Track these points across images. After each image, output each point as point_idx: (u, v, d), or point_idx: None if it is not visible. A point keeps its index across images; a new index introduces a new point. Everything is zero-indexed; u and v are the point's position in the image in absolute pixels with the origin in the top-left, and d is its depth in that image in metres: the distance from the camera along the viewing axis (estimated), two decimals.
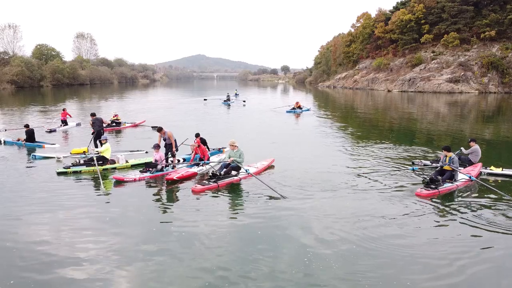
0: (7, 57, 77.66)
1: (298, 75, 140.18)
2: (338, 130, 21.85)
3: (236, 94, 48.62)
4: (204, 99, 42.51)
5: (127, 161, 12.45)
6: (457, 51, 62.49)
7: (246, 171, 10.49)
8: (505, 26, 58.96)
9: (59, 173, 11.20)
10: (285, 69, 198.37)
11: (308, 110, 31.20)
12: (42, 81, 77.30)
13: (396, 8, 74.53)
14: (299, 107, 30.37)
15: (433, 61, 63.73)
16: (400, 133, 20.92)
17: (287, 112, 29.64)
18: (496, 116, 30.86)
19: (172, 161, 12.03)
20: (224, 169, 10.58)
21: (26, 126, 16.59)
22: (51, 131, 20.66)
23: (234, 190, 9.95)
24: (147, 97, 55.70)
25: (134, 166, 12.32)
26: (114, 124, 21.77)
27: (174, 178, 10.49)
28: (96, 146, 14.46)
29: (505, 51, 58.40)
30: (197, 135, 13.68)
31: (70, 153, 14.21)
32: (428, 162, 12.21)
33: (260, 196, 9.33)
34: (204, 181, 10.07)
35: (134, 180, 10.58)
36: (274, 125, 23.14)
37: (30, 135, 16.19)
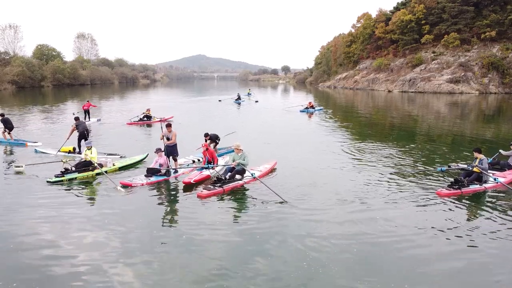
0: (8, 57, 77.60)
1: (299, 75, 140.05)
2: (340, 130, 21.90)
3: (249, 93, 50.81)
4: (219, 100, 43.41)
5: (114, 164, 12.16)
6: (458, 51, 62.46)
7: (252, 175, 10.28)
8: (505, 26, 58.94)
9: (52, 183, 10.48)
10: (286, 69, 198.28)
11: (321, 109, 31.87)
12: (43, 81, 77.32)
13: (397, 9, 74.49)
14: (312, 107, 30.98)
15: (434, 61, 63.73)
16: (406, 134, 20.89)
17: (301, 111, 30.29)
18: (502, 116, 30.91)
19: (173, 166, 11.73)
20: (229, 173, 10.44)
21: (1, 115, 16.80)
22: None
23: (239, 194, 9.85)
24: (151, 97, 55.72)
25: (122, 169, 12.11)
26: (145, 118, 23.73)
27: (192, 181, 10.37)
28: (80, 147, 14.47)
29: (506, 52, 58.40)
30: (206, 134, 13.93)
31: (59, 151, 14.32)
32: (465, 166, 11.55)
33: (263, 200, 9.28)
34: (210, 186, 9.93)
35: (142, 185, 10.39)
36: (277, 125, 23.23)
37: (7, 122, 16.47)
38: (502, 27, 59.16)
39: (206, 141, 14.15)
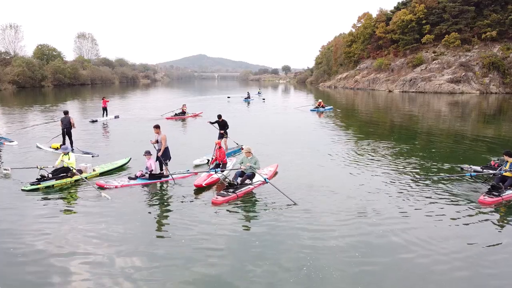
0: (8, 57, 77.57)
1: (299, 75, 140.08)
2: (342, 130, 21.89)
3: (259, 92, 54.07)
4: (228, 97, 45.23)
5: (94, 170, 11.48)
6: (458, 51, 62.42)
7: (265, 180, 9.87)
8: (506, 26, 58.93)
9: (28, 191, 9.71)
10: (286, 69, 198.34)
11: (331, 109, 32.62)
12: (43, 81, 77.20)
13: (397, 8, 74.44)
14: (322, 106, 31.78)
15: (434, 61, 63.66)
16: (410, 135, 20.78)
17: (311, 110, 31.37)
18: (503, 116, 30.85)
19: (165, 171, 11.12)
20: (240, 178, 10.06)
21: None
22: (93, 121, 23.39)
23: (248, 198, 9.56)
24: (154, 96, 55.71)
25: (103, 174, 11.48)
26: (181, 113, 26.21)
27: (203, 184, 10.18)
28: (64, 143, 14.69)
29: (506, 52, 58.35)
30: (219, 116, 14.27)
31: (51, 147, 14.88)
32: (478, 168, 11.36)
33: (269, 204, 9.02)
34: (223, 192, 9.50)
35: (116, 187, 9.96)
36: (278, 125, 23.11)
37: None
38: (503, 27, 59.13)
39: (219, 123, 14.61)
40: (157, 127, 11.30)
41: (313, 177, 11.32)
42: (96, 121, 23.70)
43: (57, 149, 14.62)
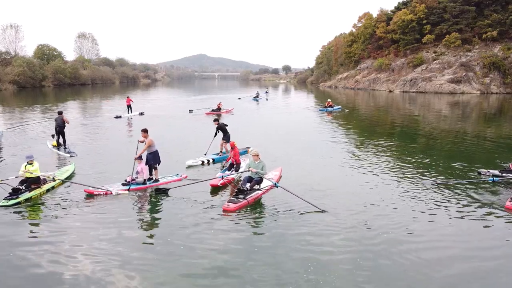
0: (9, 57, 77.55)
1: (300, 75, 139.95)
2: (349, 130, 21.92)
3: (266, 92, 56.34)
4: (238, 98, 46.56)
5: (54, 179, 10.28)
6: (459, 51, 62.32)
7: (276, 185, 9.64)
8: (507, 26, 58.83)
9: (9, 206, 8.83)
10: (287, 68, 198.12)
11: (339, 108, 33.10)
12: (44, 81, 77.16)
13: (398, 8, 74.33)
14: (331, 106, 32.30)
15: (435, 61, 63.58)
16: (414, 136, 20.69)
17: (320, 110, 32.13)
18: (504, 116, 30.83)
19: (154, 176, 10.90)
20: (248, 183, 9.85)
21: None
22: (117, 117, 24.97)
23: (257, 204, 9.34)
24: (154, 96, 55.69)
25: (64, 181, 10.67)
26: (217, 109, 28.97)
27: (219, 184, 10.18)
28: (58, 142, 15.45)
29: (507, 52, 58.27)
30: (215, 120, 14.59)
31: (52, 145, 15.47)
32: (496, 172, 11.01)
33: (278, 209, 8.86)
34: (233, 198, 9.17)
35: (105, 194, 9.58)
36: (282, 126, 23.09)
37: None
38: (504, 27, 59.04)
39: (217, 129, 14.52)
40: (144, 131, 10.98)
41: (317, 179, 11.14)
42: (120, 116, 25.51)
43: (54, 146, 15.20)
